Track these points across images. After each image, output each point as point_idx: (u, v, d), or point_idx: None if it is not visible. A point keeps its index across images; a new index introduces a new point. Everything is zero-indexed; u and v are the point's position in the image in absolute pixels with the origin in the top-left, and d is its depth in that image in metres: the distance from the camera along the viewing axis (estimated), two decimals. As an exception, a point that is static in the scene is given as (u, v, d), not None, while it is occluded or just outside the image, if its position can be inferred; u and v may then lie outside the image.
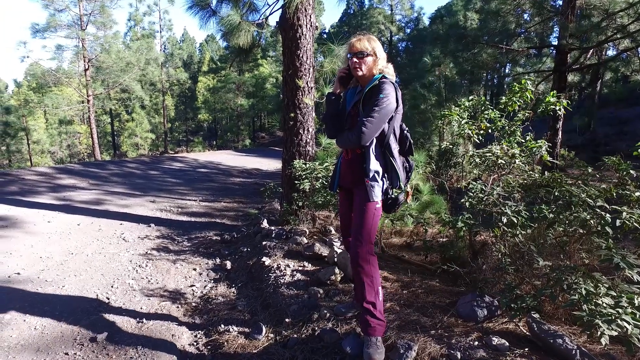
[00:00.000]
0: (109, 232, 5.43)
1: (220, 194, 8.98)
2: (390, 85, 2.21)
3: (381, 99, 2.16)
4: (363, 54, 2.26)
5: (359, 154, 2.33)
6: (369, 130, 2.16)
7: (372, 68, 2.30)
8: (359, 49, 2.26)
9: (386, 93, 2.16)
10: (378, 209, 2.28)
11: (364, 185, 2.27)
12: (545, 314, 2.52)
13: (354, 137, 2.21)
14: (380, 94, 2.17)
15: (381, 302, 2.29)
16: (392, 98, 2.18)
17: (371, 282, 2.25)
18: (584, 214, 2.28)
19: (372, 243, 2.28)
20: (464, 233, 3.43)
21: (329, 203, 4.61)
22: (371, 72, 2.30)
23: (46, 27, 17.85)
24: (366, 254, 2.24)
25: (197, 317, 3.18)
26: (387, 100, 2.16)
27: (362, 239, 2.24)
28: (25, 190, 7.75)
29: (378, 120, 2.16)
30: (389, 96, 2.16)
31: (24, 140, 25.54)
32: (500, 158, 3.02)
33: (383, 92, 2.17)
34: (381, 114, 2.16)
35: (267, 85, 33.38)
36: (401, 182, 2.32)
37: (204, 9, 5.35)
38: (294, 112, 5.23)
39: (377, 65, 2.30)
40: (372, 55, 2.28)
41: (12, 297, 3.39)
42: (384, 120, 2.20)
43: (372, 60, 2.28)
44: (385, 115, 2.18)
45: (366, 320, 2.24)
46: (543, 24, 11.41)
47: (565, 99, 3.70)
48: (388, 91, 2.17)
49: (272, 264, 3.80)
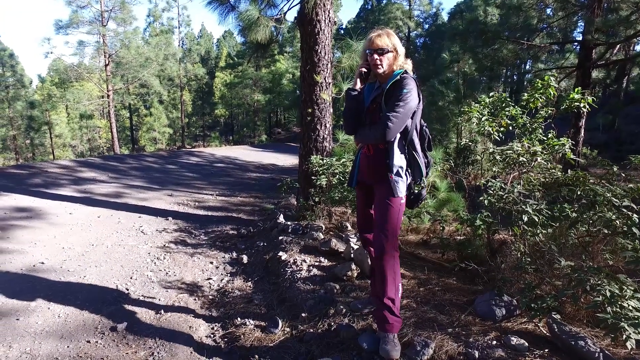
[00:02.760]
0: (128, 224, 5.54)
1: (236, 188, 9.06)
2: (412, 80, 2.20)
3: (405, 94, 2.15)
4: (384, 50, 2.23)
5: (382, 150, 2.30)
6: (394, 125, 2.15)
7: (393, 64, 2.28)
8: (379, 46, 2.23)
9: (409, 88, 2.15)
10: (402, 204, 2.27)
11: (387, 181, 2.24)
12: (566, 315, 2.47)
13: (378, 133, 2.20)
14: (404, 89, 2.15)
15: (399, 299, 2.28)
16: (415, 94, 2.17)
17: (393, 278, 2.23)
18: (609, 213, 2.22)
19: (397, 239, 2.28)
20: (482, 231, 3.39)
21: (346, 199, 4.61)
22: (391, 68, 2.28)
23: (69, 24, 18.24)
24: (391, 250, 2.23)
25: (214, 310, 3.22)
26: (411, 96, 2.15)
27: (388, 234, 2.22)
28: (48, 183, 7.96)
29: (403, 116, 2.16)
30: (412, 92, 2.15)
31: (47, 134, 26.21)
32: (522, 155, 2.95)
33: (406, 88, 2.15)
34: (406, 109, 2.15)
35: (284, 81, 33.42)
36: (423, 177, 2.33)
37: (223, 4, 5.38)
38: (311, 107, 5.23)
39: (397, 62, 2.28)
40: (392, 52, 2.26)
41: (37, 285, 3.49)
42: (408, 116, 2.19)
43: (393, 56, 2.27)
44: (410, 111, 2.17)
45: (384, 316, 2.23)
46: (567, 19, 11.11)
47: (589, 96, 3.60)
48: (411, 87, 2.16)
49: (288, 259, 3.81)
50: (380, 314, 2.25)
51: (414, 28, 33.12)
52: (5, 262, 3.96)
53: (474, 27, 11.22)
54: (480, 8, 20.89)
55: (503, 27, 11.80)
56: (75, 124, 30.71)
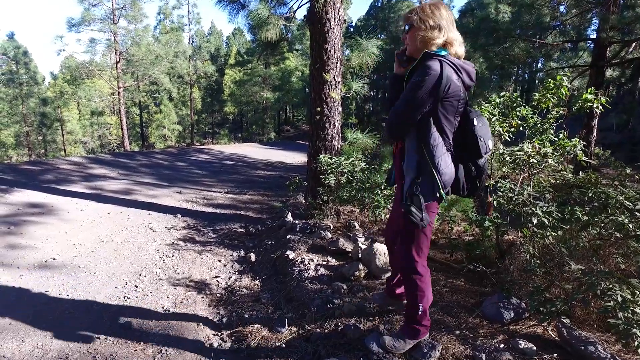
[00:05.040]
0: (137, 221, 5.60)
1: (245, 186, 9.09)
2: (434, 63, 1.80)
3: (412, 83, 1.83)
4: (405, 28, 1.95)
5: (401, 148, 2.07)
6: (392, 121, 1.92)
7: (422, 43, 1.89)
8: (402, 22, 1.98)
9: (422, 75, 1.79)
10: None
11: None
12: (575, 318, 2.44)
13: (385, 129, 2.01)
14: (415, 77, 1.83)
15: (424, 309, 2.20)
16: (429, 81, 1.77)
17: (415, 294, 2.15)
18: (622, 217, 2.18)
19: (420, 252, 2.08)
20: (491, 232, 3.36)
21: (354, 198, 4.60)
22: (419, 46, 1.90)
23: (81, 22, 18.47)
24: (412, 264, 2.11)
25: (221, 308, 3.24)
26: (419, 85, 1.79)
27: (405, 247, 2.11)
28: (60, 179, 8.07)
29: (404, 111, 1.86)
30: (424, 79, 1.78)
31: (58, 130, 26.61)
32: (532, 157, 2.92)
33: (417, 75, 1.82)
34: (408, 103, 1.84)
35: (293, 79, 33.45)
36: (441, 189, 1.92)
37: (233, 2, 5.39)
38: (320, 106, 5.22)
39: (430, 40, 1.88)
40: (418, 27, 1.89)
41: (49, 281, 3.54)
42: (415, 110, 1.84)
43: (417, 33, 1.89)
44: (416, 101, 1.81)
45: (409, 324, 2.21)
46: (581, 16, 10.94)
47: (603, 96, 3.55)
48: (425, 73, 1.78)
49: (296, 258, 3.82)
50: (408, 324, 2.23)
51: (424, 26, 32.80)
52: (19, 257, 4.03)
53: (485, 25, 11.11)
54: (492, 5, 20.68)
55: (515, 25, 11.68)
56: (87, 120, 31.12)
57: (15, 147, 26.66)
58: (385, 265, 3.25)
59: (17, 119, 25.39)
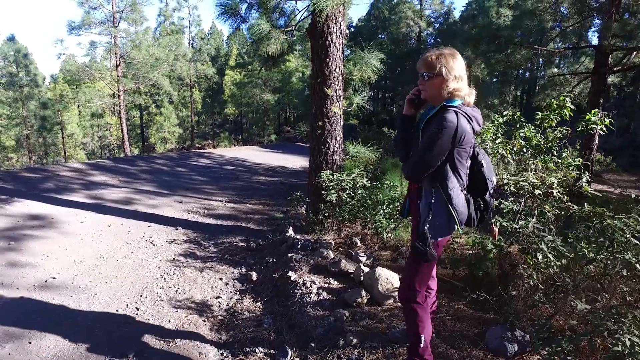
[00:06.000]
0: (138, 234, 5.58)
1: (245, 194, 9.07)
2: (451, 115, 1.89)
3: (430, 135, 1.93)
4: (424, 76, 2.00)
5: (416, 187, 2.19)
6: (411, 171, 2.07)
7: (439, 90, 1.97)
8: (421, 69, 2.02)
9: (440, 128, 1.89)
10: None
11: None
12: (582, 353, 2.41)
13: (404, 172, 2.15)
14: (434, 128, 1.92)
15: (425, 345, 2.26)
16: (447, 135, 1.88)
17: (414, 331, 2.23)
18: (628, 254, 2.16)
19: (418, 290, 2.18)
20: (493, 255, 3.33)
21: (356, 217, 4.58)
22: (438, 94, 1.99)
23: (81, 25, 18.40)
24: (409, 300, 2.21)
25: (223, 333, 3.22)
26: (437, 137, 1.89)
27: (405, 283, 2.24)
28: (60, 187, 8.04)
29: (423, 161, 1.97)
30: (441, 132, 1.88)
31: (59, 134, 26.58)
32: (537, 188, 2.89)
33: (436, 127, 1.91)
34: (426, 155, 1.95)
35: (294, 79, 33.36)
36: (458, 224, 2.04)
37: (234, 16, 5.36)
38: (322, 120, 5.20)
39: (446, 88, 1.96)
40: (438, 76, 1.95)
41: (49, 304, 3.52)
42: (435, 158, 1.94)
43: (439, 81, 1.96)
44: (434, 154, 1.93)
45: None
46: (582, 23, 10.91)
47: (607, 118, 3.52)
48: (443, 126, 1.88)
49: (297, 280, 3.80)
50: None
51: (425, 27, 32.79)
52: (19, 276, 4.01)
53: (487, 32, 11.07)
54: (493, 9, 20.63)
55: (516, 30, 11.64)
56: (87, 122, 31.09)
57: (15, 149, 26.66)
58: (387, 291, 3.23)
59: (18, 121, 25.37)
